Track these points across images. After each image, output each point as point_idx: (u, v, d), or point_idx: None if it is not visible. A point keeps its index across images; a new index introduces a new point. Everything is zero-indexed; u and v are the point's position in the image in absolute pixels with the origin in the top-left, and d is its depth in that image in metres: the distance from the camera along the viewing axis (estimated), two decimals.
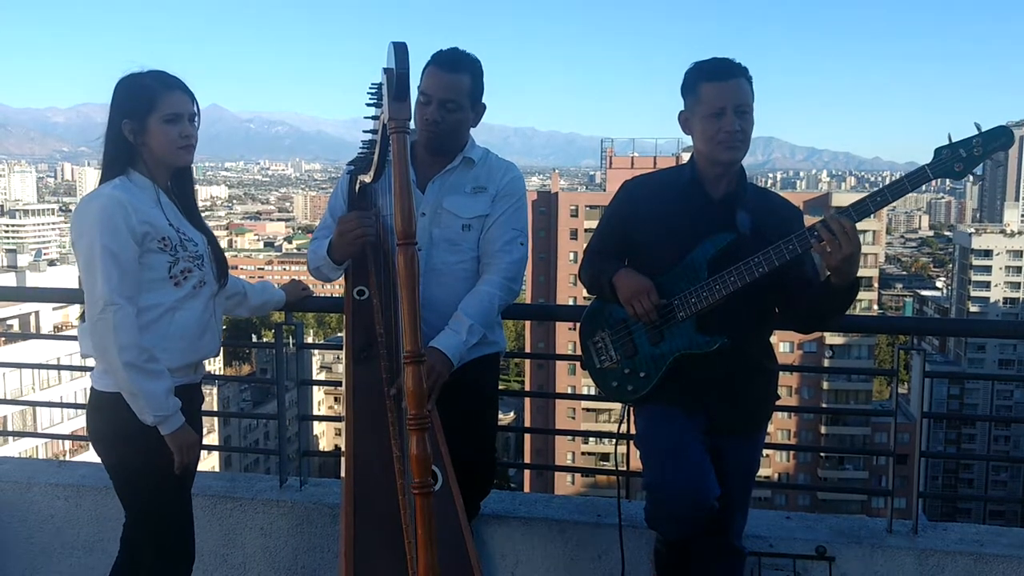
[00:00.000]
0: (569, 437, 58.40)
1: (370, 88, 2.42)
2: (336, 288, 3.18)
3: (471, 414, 2.97)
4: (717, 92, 2.67)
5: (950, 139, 2.52)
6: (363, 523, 2.43)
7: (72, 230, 2.57)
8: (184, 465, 2.60)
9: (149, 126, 2.58)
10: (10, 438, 34.42)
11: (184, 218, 2.71)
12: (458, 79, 2.89)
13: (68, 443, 38.26)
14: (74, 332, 2.61)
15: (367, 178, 2.85)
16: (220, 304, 2.84)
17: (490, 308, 2.91)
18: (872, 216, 2.69)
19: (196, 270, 2.65)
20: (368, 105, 2.50)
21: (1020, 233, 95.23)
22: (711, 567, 2.91)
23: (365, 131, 2.70)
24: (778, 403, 3.02)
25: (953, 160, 2.51)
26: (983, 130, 2.50)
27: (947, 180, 2.60)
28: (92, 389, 2.65)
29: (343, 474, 2.59)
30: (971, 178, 2.59)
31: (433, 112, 2.89)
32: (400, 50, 2.07)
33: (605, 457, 55.52)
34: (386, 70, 2.12)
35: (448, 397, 2.77)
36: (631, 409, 2.97)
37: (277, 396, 3.79)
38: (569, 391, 54.48)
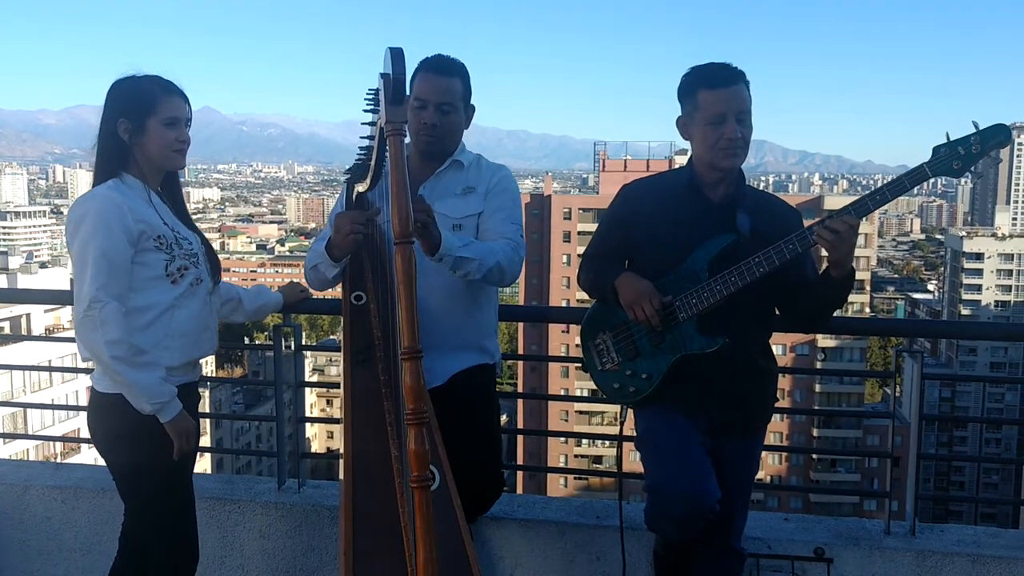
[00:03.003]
0: (562, 440, 58.45)
1: (367, 94, 2.45)
2: (335, 290, 3.19)
3: (473, 430, 2.97)
4: (717, 99, 2.67)
5: (948, 137, 2.53)
6: (362, 524, 2.43)
7: (67, 231, 2.60)
8: (182, 451, 2.62)
9: (147, 127, 2.62)
10: (1, 441, 34.28)
11: (177, 219, 2.74)
12: (451, 82, 2.95)
13: (60, 445, 38.15)
14: (65, 334, 2.64)
15: (362, 187, 2.88)
16: (216, 303, 2.86)
17: (489, 249, 2.85)
18: (871, 213, 2.71)
19: (192, 268, 2.69)
20: (366, 111, 2.53)
21: (1011, 236, 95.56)
22: (710, 569, 2.92)
23: (362, 137, 2.72)
24: (774, 405, 3.03)
25: (951, 158, 2.52)
26: (981, 128, 2.51)
27: (939, 182, 2.62)
28: (92, 389, 2.67)
29: (342, 475, 2.60)
30: (969, 175, 2.60)
31: (430, 116, 2.92)
32: (397, 55, 2.12)
33: (598, 460, 55.66)
34: (383, 75, 2.16)
35: (447, 415, 2.76)
36: (629, 411, 2.97)
37: (275, 398, 3.78)
38: (562, 394, 54.55)
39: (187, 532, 2.76)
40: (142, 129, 2.61)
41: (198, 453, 2.85)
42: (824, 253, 2.63)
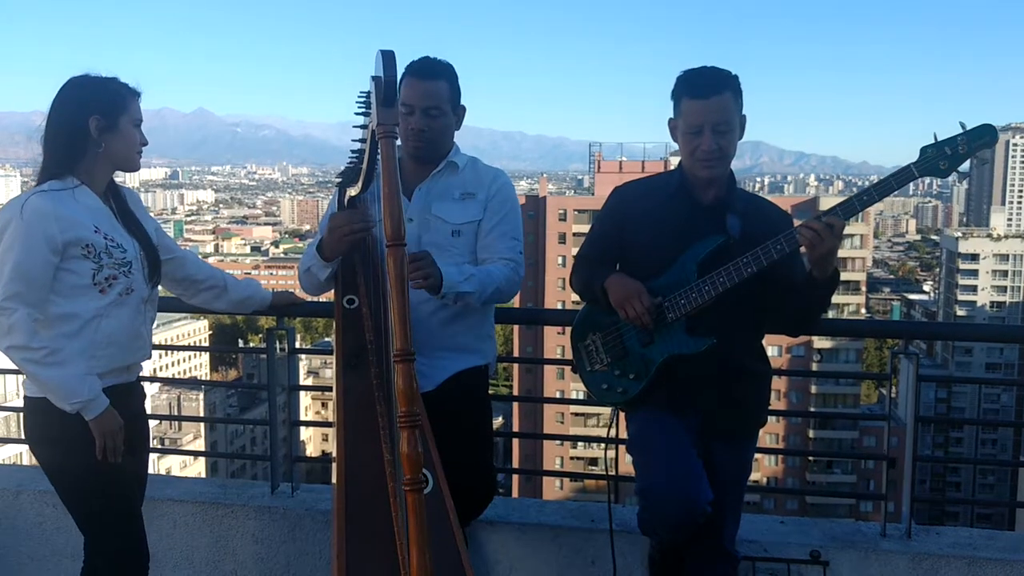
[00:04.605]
0: (558, 442, 58.48)
1: (358, 97, 2.45)
2: (327, 294, 3.17)
3: (466, 433, 2.96)
4: (696, 110, 2.67)
5: (936, 138, 2.55)
6: (355, 529, 2.42)
7: None
8: (105, 449, 2.58)
9: (120, 126, 2.63)
10: None
11: (118, 224, 2.71)
12: (436, 85, 2.92)
13: None
14: None
15: (354, 190, 2.87)
16: (153, 307, 2.84)
17: (489, 276, 2.87)
18: (859, 216, 2.72)
19: (122, 277, 2.65)
20: (357, 114, 2.52)
21: (1006, 237, 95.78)
22: (704, 573, 2.90)
23: (354, 140, 2.71)
24: (769, 407, 3.02)
25: (938, 158, 2.54)
26: (968, 128, 2.53)
27: (934, 183, 2.64)
28: (25, 396, 2.66)
29: (334, 479, 2.59)
30: (956, 177, 2.61)
31: (417, 121, 2.91)
32: (388, 58, 2.13)
33: (594, 462, 55.64)
34: (374, 78, 2.17)
35: (439, 418, 2.75)
36: (621, 413, 2.96)
37: (268, 401, 3.76)
38: (558, 396, 54.52)
39: (130, 536, 2.73)
40: (115, 127, 2.62)
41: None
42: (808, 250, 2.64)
